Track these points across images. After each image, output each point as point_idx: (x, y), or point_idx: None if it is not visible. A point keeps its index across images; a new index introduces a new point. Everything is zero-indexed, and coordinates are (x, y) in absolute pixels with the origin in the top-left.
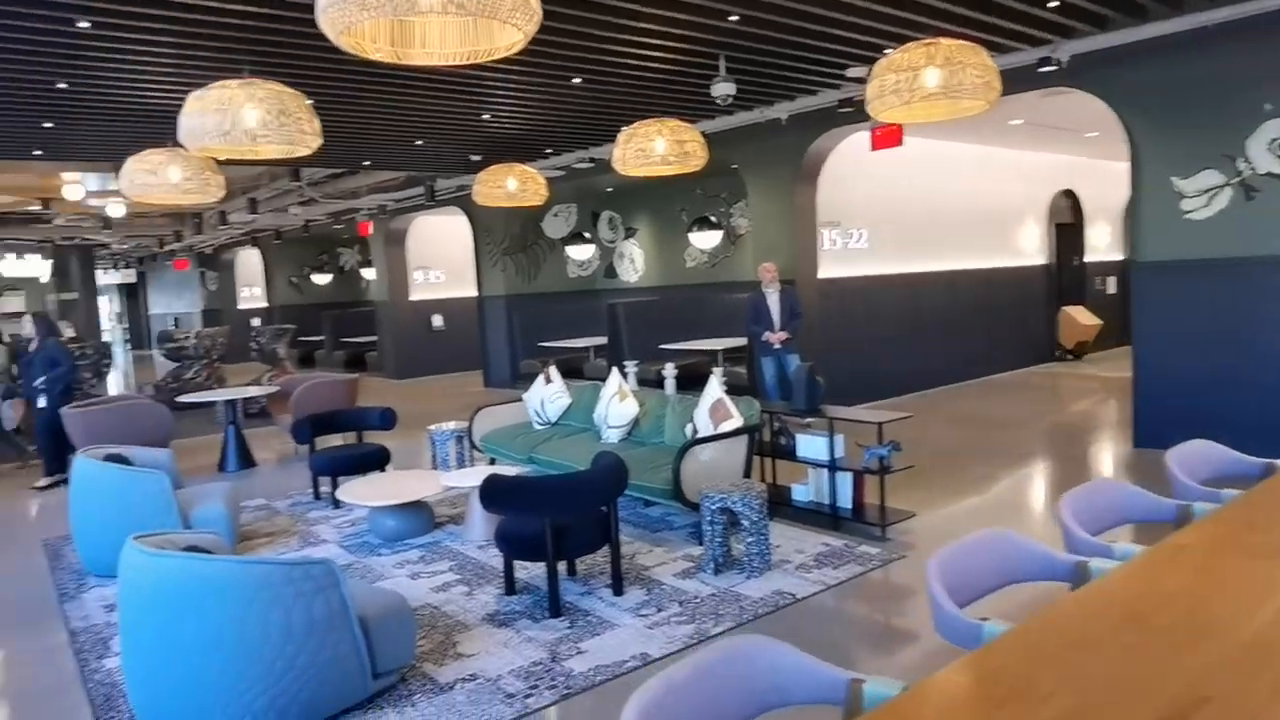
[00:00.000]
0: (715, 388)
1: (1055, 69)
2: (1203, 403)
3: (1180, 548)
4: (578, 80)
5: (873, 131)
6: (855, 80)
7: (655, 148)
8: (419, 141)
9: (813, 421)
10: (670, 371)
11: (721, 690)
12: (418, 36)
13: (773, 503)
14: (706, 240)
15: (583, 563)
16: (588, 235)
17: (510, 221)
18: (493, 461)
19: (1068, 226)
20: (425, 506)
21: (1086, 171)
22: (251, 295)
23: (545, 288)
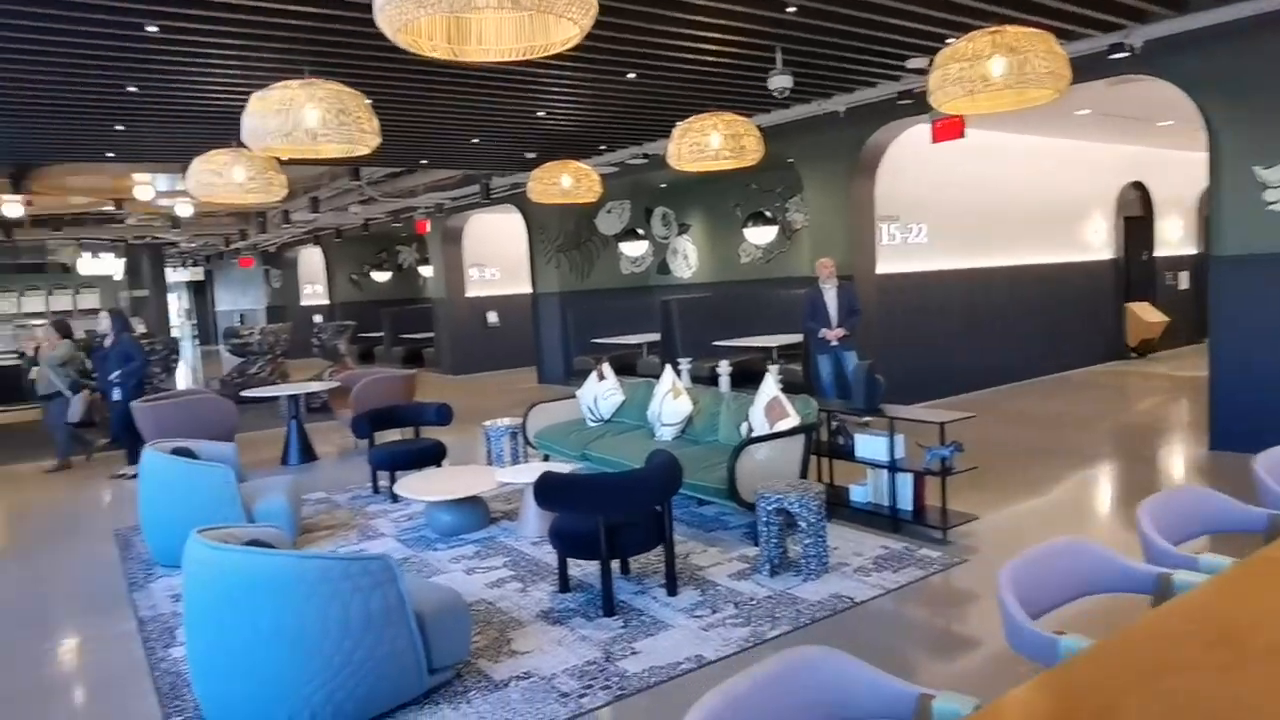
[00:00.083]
0: (771, 385)
1: (1128, 55)
2: None
3: (1274, 561)
4: (632, 75)
5: (933, 123)
6: (915, 71)
7: (710, 142)
8: (475, 139)
9: (871, 421)
10: (725, 369)
11: (783, 704)
12: (474, 33)
13: (830, 503)
14: (761, 235)
15: (636, 561)
16: (641, 231)
17: (564, 218)
18: (546, 458)
19: (1137, 220)
20: (480, 502)
21: (1158, 162)
22: (314, 292)
23: (599, 284)
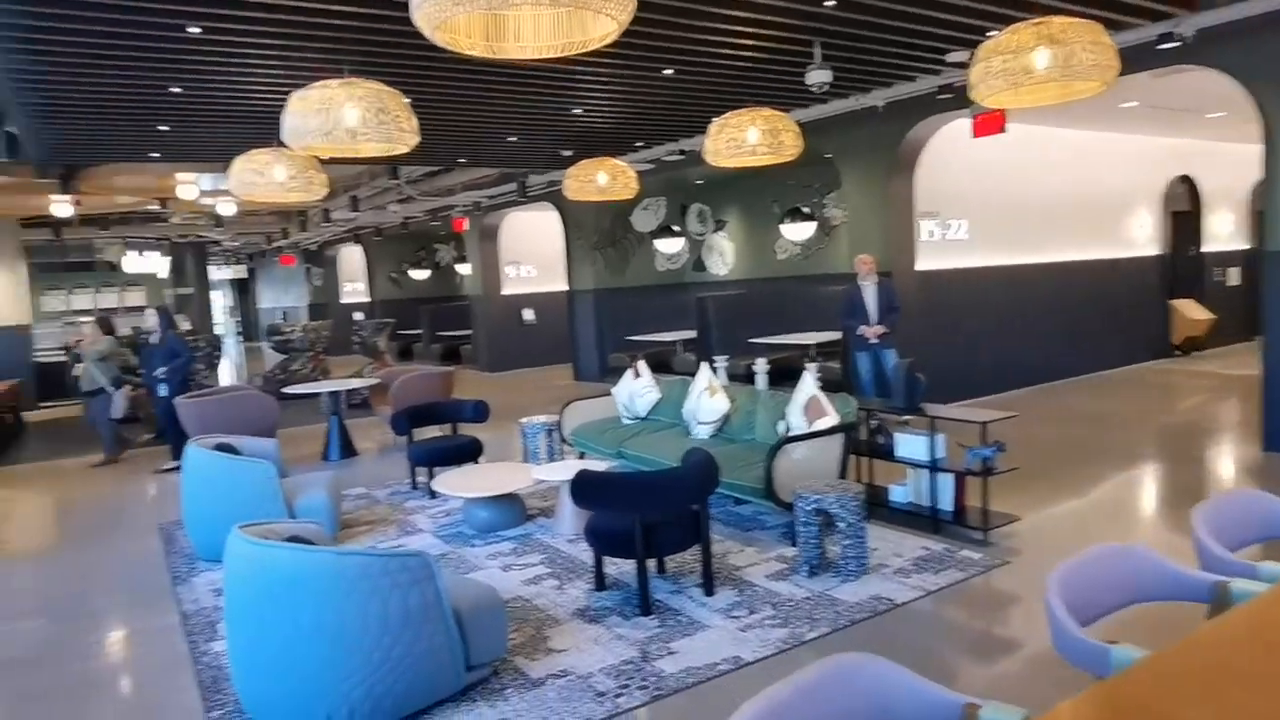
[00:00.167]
0: (809, 384)
1: (1178, 45)
2: None
3: None
4: (669, 71)
5: (974, 118)
6: (956, 65)
7: (748, 138)
8: (512, 138)
9: (910, 420)
10: (762, 366)
11: (824, 711)
12: (511, 30)
13: (869, 503)
14: (799, 232)
15: (673, 561)
16: (677, 228)
17: (600, 216)
18: (582, 455)
19: (1184, 215)
20: (517, 499)
21: (1206, 155)
22: (354, 290)
23: (634, 281)
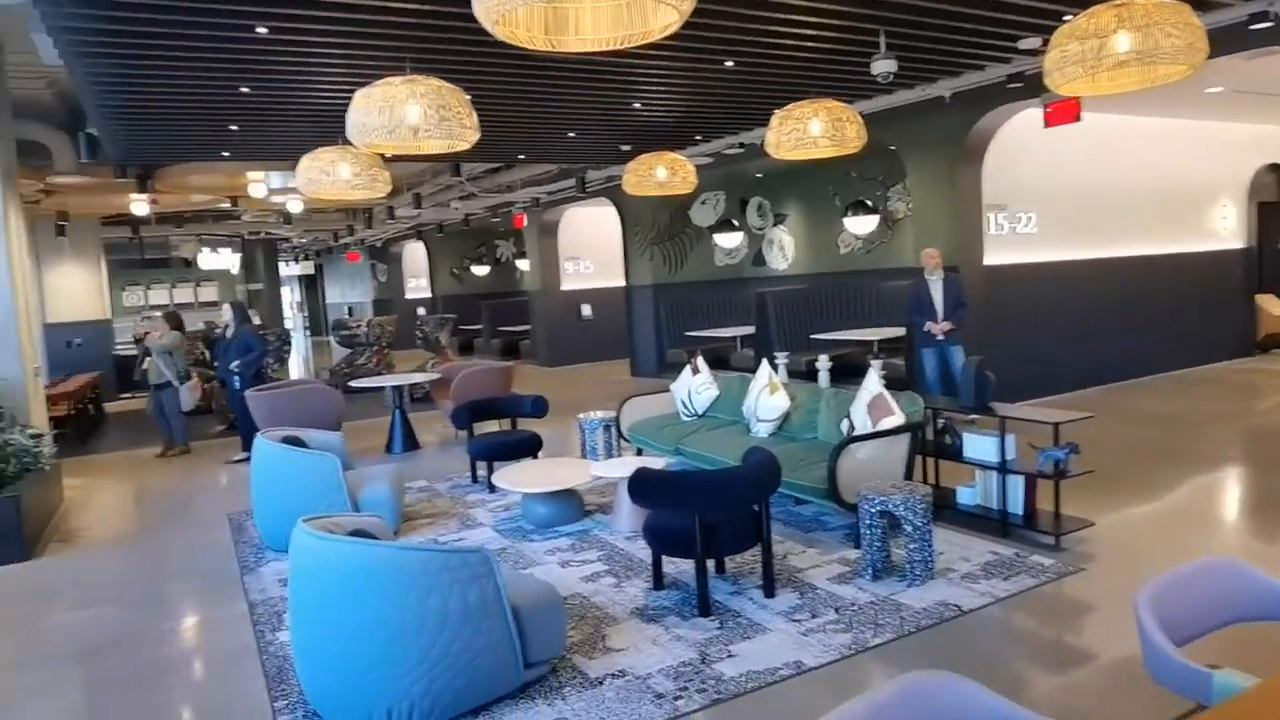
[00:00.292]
0: (874, 381)
1: (1272, 25)
2: None
3: None
4: (730, 63)
5: (1046, 107)
6: (1028, 52)
7: (811, 129)
8: (571, 133)
9: (978, 419)
10: (824, 364)
11: None
12: (571, 23)
13: (935, 505)
14: (862, 225)
15: (732, 560)
16: (736, 223)
17: (658, 211)
18: (639, 452)
19: (1272, 205)
20: (575, 494)
21: None
22: (417, 286)
23: (692, 276)
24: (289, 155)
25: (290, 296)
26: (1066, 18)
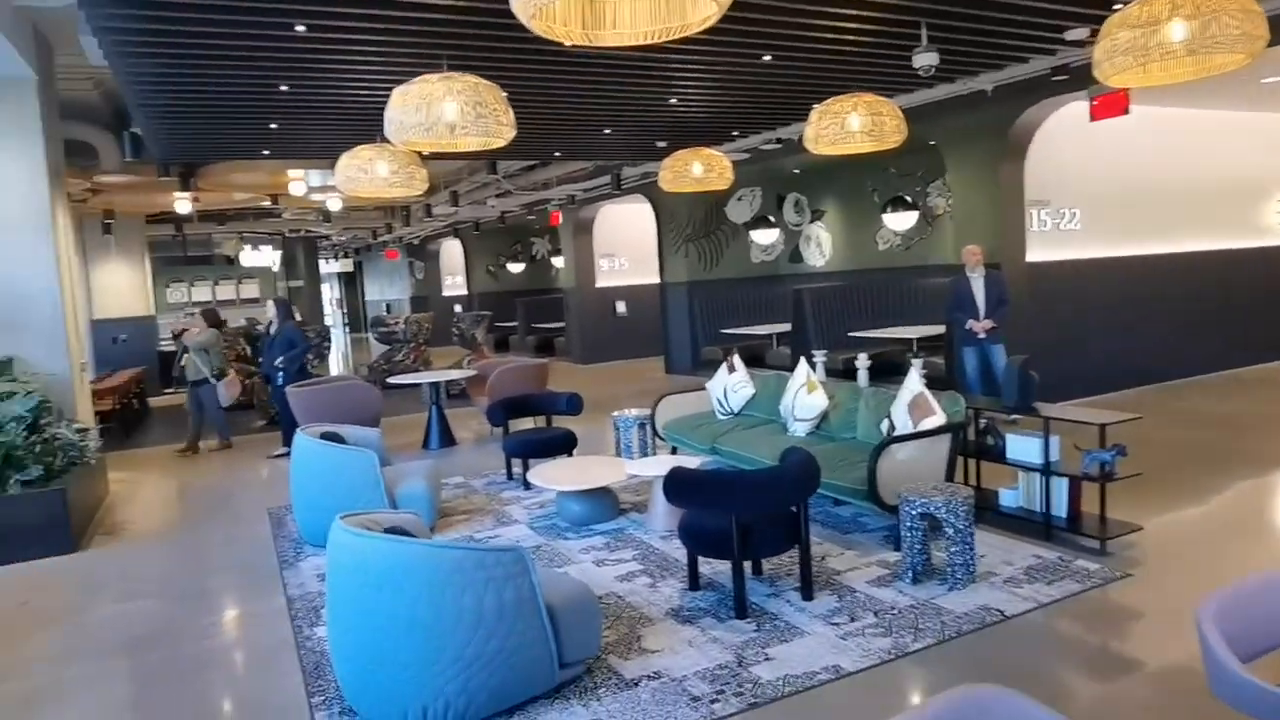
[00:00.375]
0: (915, 381)
1: None
2: None
3: None
4: (768, 57)
5: (1092, 100)
6: (1074, 44)
7: (850, 124)
8: (607, 130)
9: (1019, 420)
10: (863, 362)
11: None
12: (608, 17)
13: (976, 507)
14: (901, 221)
15: (769, 562)
16: (772, 219)
17: (694, 207)
18: (674, 450)
19: None
20: (610, 493)
21: None
22: (454, 283)
23: (727, 273)
24: (328, 153)
25: (330, 293)
26: (1117, 6)
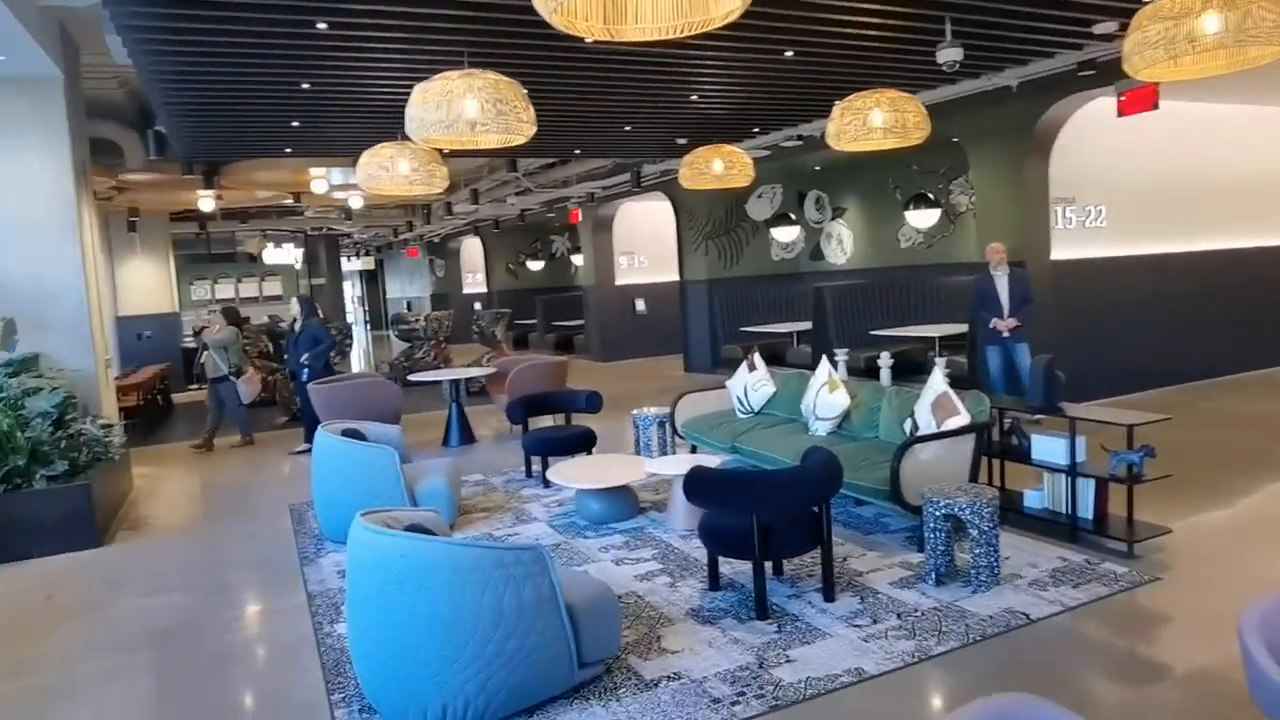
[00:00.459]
0: (939, 380)
1: None
2: None
3: None
4: (790, 53)
5: (1120, 95)
6: (1102, 38)
7: (872, 120)
8: (627, 127)
9: (1043, 420)
10: (886, 361)
11: None
12: (630, 11)
13: (1000, 508)
14: (923, 219)
15: (790, 562)
16: (793, 216)
17: (714, 205)
18: (694, 449)
19: None
20: (629, 491)
21: None
22: (474, 281)
23: (747, 271)
24: (349, 151)
25: (351, 291)
26: None
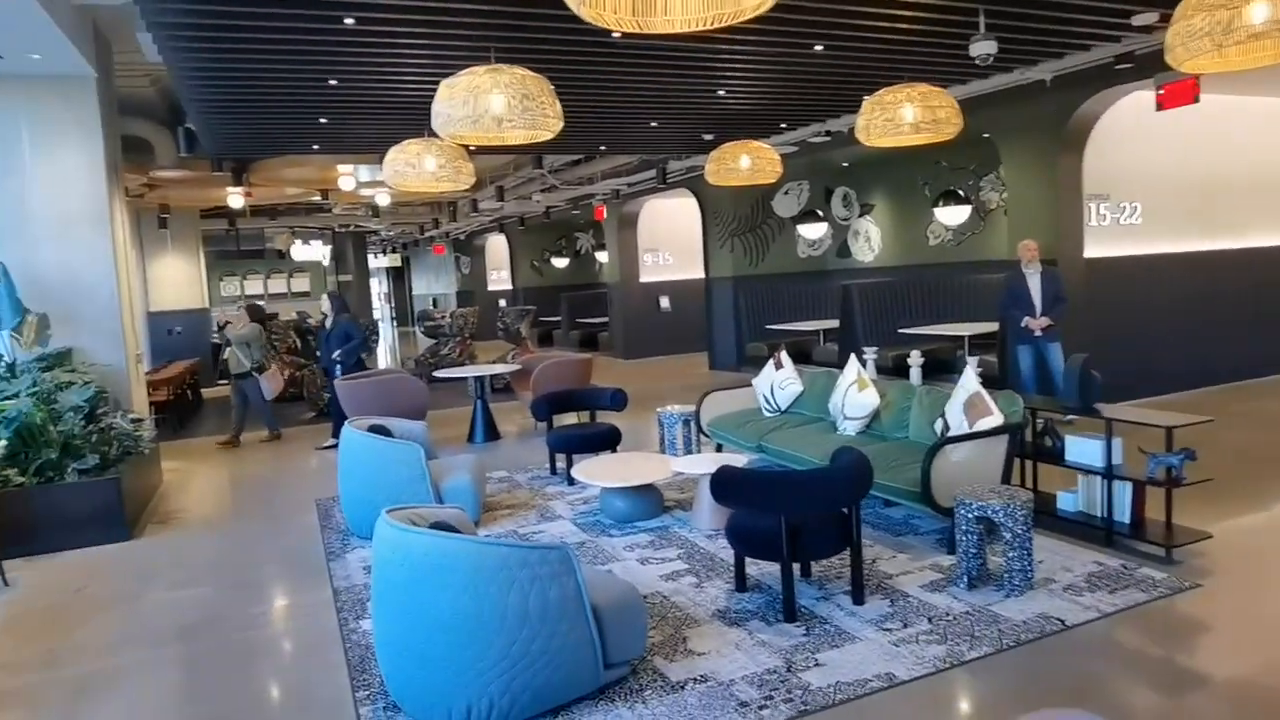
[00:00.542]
0: (971, 379)
1: None
2: None
3: None
4: (819, 47)
5: (1159, 88)
6: (1141, 30)
7: (904, 115)
8: (654, 123)
9: (1077, 420)
10: (916, 360)
11: None
12: (659, 3)
13: (1034, 511)
14: (953, 216)
15: (818, 564)
16: (820, 213)
17: (739, 202)
18: (719, 448)
19: None
20: (654, 490)
21: None
22: (499, 278)
23: (773, 268)
24: (376, 148)
25: (378, 288)
26: None
